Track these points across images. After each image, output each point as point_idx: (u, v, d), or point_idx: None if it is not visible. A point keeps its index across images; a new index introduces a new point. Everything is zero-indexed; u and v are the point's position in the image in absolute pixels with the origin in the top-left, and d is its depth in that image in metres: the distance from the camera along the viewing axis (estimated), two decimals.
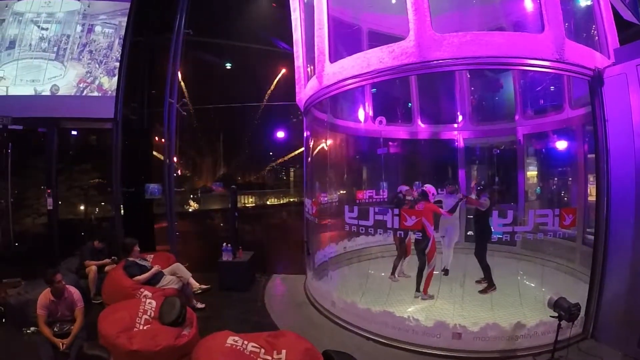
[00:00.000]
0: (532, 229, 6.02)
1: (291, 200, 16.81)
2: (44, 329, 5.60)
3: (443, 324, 5.94)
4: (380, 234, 6.63)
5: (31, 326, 6.61)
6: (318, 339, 5.83)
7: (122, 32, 10.57)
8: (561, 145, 8.22)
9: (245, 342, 4.46)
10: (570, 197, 8.75)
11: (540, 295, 6.59)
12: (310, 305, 8.03)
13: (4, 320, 7.19)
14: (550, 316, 5.23)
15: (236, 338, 4.52)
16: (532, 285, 7.65)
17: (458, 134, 9.44)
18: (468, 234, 8.90)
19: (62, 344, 5.49)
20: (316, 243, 8.86)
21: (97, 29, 10.67)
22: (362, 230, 6.78)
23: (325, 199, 8.85)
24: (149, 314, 5.85)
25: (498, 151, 7.73)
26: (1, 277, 8.75)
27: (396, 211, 6.42)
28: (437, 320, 6.02)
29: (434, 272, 7.43)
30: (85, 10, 10.71)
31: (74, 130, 12.00)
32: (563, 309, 5.07)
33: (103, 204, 13.98)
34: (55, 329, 5.67)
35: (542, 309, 5.66)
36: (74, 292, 5.98)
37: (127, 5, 10.64)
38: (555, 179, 9.15)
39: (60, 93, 10.41)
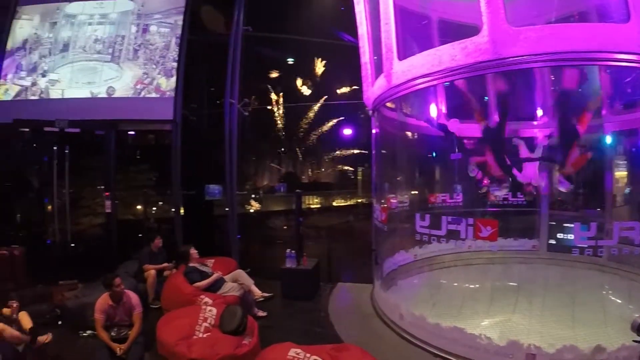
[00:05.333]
0: (617, 243, 5.89)
1: (359, 201, 16.93)
2: (102, 333, 6.07)
3: (516, 344, 5.84)
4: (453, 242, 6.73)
5: (87, 329, 7.20)
6: (383, 354, 6.02)
7: (179, 31, 11.14)
8: None
9: (307, 355, 4.64)
10: None
11: (627, 314, 6.45)
12: (376, 317, 8.09)
13: (60, 323, 7.76)
14: (633, 340, 5.12)
15: (298, 350, 4.71)
16: (619, 301, 7.51)
17: (538, 131, 9.37)
18: (549, 242, 8.79)
19: (120, 349, 5.92)
20: (385, 251, 8.92)
21: (153, 28, 11.34)
22: (433, 239, 6.91)
23: (395, 203, 9.01)
24: (209, 321, 6.19)
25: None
26: (58, 279, 9.25)
27: (470, 221, 6.47)
28: (510, 340, 5.94)
29: (510, 284, 7.48)
30: (139, 10, 11.44)
31: (132, 130, 12.73)
32: None
33: (161, 204, 14.71)
34: (112, 334, 6.12)
35: (628, 329, 5.61)
36: (133, 296, 6.44)
37: (182, 3, 11.21)
38: None
39: (117, 95, 11.14)
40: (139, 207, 14.62)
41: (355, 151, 16.49)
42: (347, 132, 15.47)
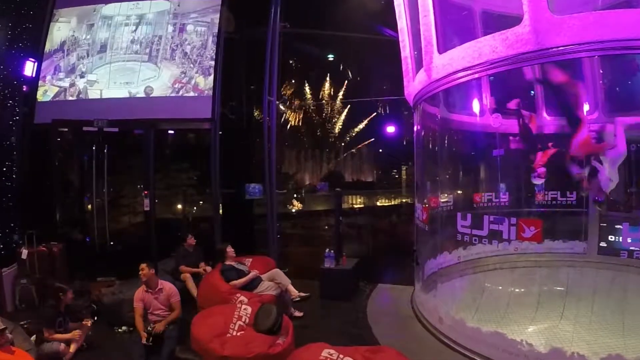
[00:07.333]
0: None
1: (403, 201, 16.93)
2: (139, 321, 6.40)
3: (559, 351, 5.72)
4: (497, 243, 6.63)
5: (123, 325, 7.59)
6: (420, 358, 6.16)
7: (215, 30, 11.34)
8: None
9: (341, 356, 4.56)
10: None
11: None
12: (416, 319, 8.13)
13: (96, 319, 8.08)
14: None
15: (331, 351, 4.63)
16: None
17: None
18: (601, 245, 8.53)
19: (144, 337, 6.25)
20: (426, 252, 8.86)
21: (189, 27, 11.57)
22: (475, 240, 6.86)
23: (439, 203, 8.91)
24: (243, 320, 6.26)
25: (635, 147, 7.34)
26: (96, 275, 9.73)
27: (513, 220, 6.35)
28: (552, 347, 5.83)
29: (558, 288, 7.29)
30: (175, 10, 11.68)
31: (171, 129, 13.05)
32: None
33: (201, 202, 15.03)
34: (149, 328, 6.37)
35: None
36: (170, 287, 6.80)
37: (219, 1, 11.40)
38: None
39: (155, 94, 11.41)
40: (179, 206, 14.96)
41: None
42: (391, 129, 15.41)
